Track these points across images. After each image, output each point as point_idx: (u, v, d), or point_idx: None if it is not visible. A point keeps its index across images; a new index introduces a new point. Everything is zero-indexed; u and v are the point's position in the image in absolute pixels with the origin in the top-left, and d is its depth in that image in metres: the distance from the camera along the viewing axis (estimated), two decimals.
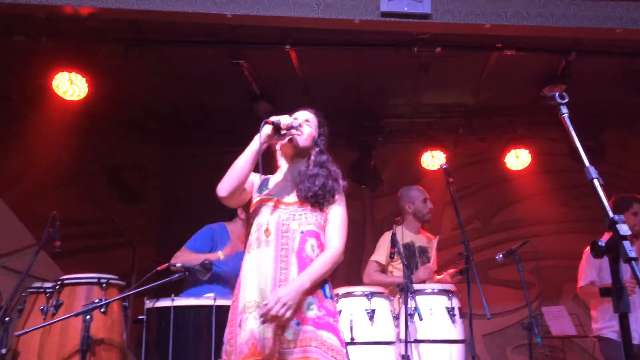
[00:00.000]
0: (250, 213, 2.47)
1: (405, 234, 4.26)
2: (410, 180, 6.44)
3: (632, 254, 1.34)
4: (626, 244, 1.36)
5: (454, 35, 4.19)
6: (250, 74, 4.84)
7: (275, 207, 2.38)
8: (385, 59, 4.80)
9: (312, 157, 2.55)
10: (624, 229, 1.39)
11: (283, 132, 2.39)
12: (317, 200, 2.39)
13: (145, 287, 3.13)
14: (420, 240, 4.34)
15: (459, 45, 4.51)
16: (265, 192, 2.45)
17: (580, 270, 4.28)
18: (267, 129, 2.36)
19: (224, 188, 2.36)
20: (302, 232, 2.34)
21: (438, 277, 4.20)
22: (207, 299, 3.22)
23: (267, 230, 2.34)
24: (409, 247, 4.23)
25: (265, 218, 2.36)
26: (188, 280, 3.69)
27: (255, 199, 2.47)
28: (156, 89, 5.43)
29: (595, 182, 1.56)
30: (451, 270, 4.15)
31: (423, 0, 3.77)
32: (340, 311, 3.35)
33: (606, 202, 1.51)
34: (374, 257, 4.28)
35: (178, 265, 3.19)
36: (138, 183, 6.00)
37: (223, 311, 3.16)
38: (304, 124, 2.53)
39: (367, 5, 3.74)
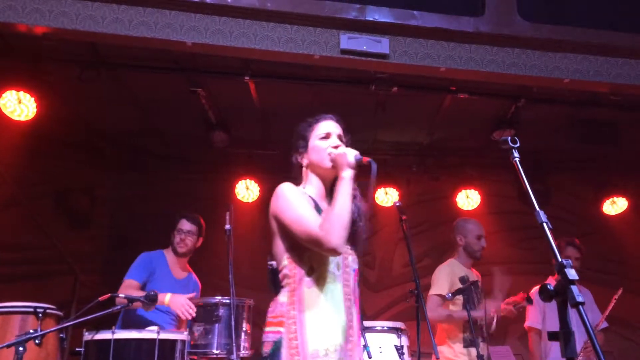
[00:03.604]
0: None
1: (459, 268, 4.14)
2: None
3: (580, 299, 1.36)
4: (574, 288, 1.38)
5: (411, 76, 4.29)
6: (207, 102, 4.80)
7: None
8: (343, 95, 4.85)
9: None
10: (572, 274, 1.42)
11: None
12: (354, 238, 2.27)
13: (85, 318, 2.98)
14: (472, 275, 4.19)
15: (415, 86, 4.61)
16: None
17: (527, 310, 4.42)
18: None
19: (340, 242, 2.04)
20: (353, 270, 2.25)
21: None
22: (150, 332, 3.09)
23: (338, 264, 2.19)
24: (464, 280, 4.05)
25: None
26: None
27: None
28: (111, 112, 5.30)
29: (545, 226, 1.59)
30: (512, 300, 3.98)
31: (382, 40, 3.87)
32: None
33: (555, 246, 1.54)
34: (434, 292, 4.04)
35: (121, 296, 3.05)
36: (86, 208, 5.79)
37: (166, 345, 3.05)
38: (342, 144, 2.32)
39: (328, 41, 3.80)
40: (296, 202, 2.18)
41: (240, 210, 5.80)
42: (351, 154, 2.20)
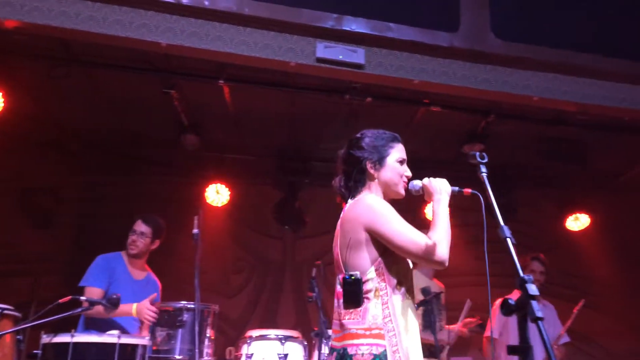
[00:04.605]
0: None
1: (421, 279, 4.16)
2: (333, 224, 6.48)
3: (539, 314, 1.39)
4: (534, 303, 1.41)
5: (385, 87, 4.31)
6: (180, 104, 4.76)
7: None
8: (318, 103, 4.86)
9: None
10: (532, 289, 1.44)
11: None
12: None
13: (44, 320, 2.90)
14: (435, 286, 4.23)
15: (389, 97, 4.65)
16: None
17: (489, 321, 4.52)
18: None
19: (447, 256, 2.16)
20: None
21: (451, 326, 4.19)
22: (110, 336, 3.02)
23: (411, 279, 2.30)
24: (427, 292, 4.01)
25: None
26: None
27: None
28: (81, 111, 5.20)
29: (508, 241, 1.63)
30: (467, 320, 4.07)
31: (357, 50, 3.90)
32: (252, 354, 3.26)
33: (517, 261, 1.57)
34: None
35: (83, 298, 2.99)
36: (50, 208, 5.66)
37: (127, 349, 2.99)
38: None
39: (304, 49, 3.81)
40: (394, 216, 2.25)
41: (210, 215, 5.75)
42: (448, 184, 2.40)
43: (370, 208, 2.25)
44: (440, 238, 2.17)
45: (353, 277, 2.16)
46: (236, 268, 6.30)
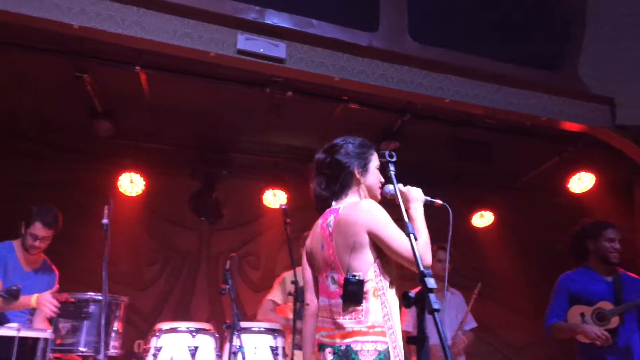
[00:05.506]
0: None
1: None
2: (250, 217, 6.49)
3: (436, 306, 1.49)
4: (432, 296, 1.50)
5: (305, 83, 4.37)
6: (93, 89, 4.57)
7: None
8: (239, 95, 4.83)
9: None
10: (431, 282, 1.54)
11: None
12: None
13: None
14: None
15: (309, 93, 4.70)
16: None
17: (403, 314, 4.69)
18: None
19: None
20: None
21: None
22: (9, 329, 2.88)
23: None
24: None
25: None
26: None
27: None
28: None
29: (412, 237, 1.72)
30: None
31: (279, 44, 3.92)
32: (161, 347, 3.23)
33: (419, 256, 1.67)
34: (269, 297, 4.29)
35: None
36: None
37: (27, 343, 2.87)
38: None
39: (225, 40, 3.78)
40: (391, 222, 2.37)
41: (123, 204, 5.57)
42: (422, 193, 2.61)
43: (371, 213, 2.39)
44: (426, 245, 2.37)
45: (357, 278, 2.29)
46: (149, 260, 6.16)
